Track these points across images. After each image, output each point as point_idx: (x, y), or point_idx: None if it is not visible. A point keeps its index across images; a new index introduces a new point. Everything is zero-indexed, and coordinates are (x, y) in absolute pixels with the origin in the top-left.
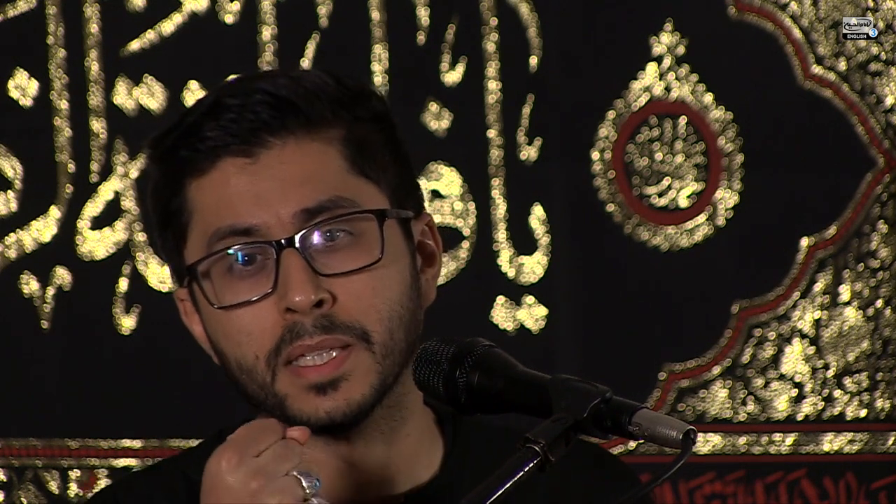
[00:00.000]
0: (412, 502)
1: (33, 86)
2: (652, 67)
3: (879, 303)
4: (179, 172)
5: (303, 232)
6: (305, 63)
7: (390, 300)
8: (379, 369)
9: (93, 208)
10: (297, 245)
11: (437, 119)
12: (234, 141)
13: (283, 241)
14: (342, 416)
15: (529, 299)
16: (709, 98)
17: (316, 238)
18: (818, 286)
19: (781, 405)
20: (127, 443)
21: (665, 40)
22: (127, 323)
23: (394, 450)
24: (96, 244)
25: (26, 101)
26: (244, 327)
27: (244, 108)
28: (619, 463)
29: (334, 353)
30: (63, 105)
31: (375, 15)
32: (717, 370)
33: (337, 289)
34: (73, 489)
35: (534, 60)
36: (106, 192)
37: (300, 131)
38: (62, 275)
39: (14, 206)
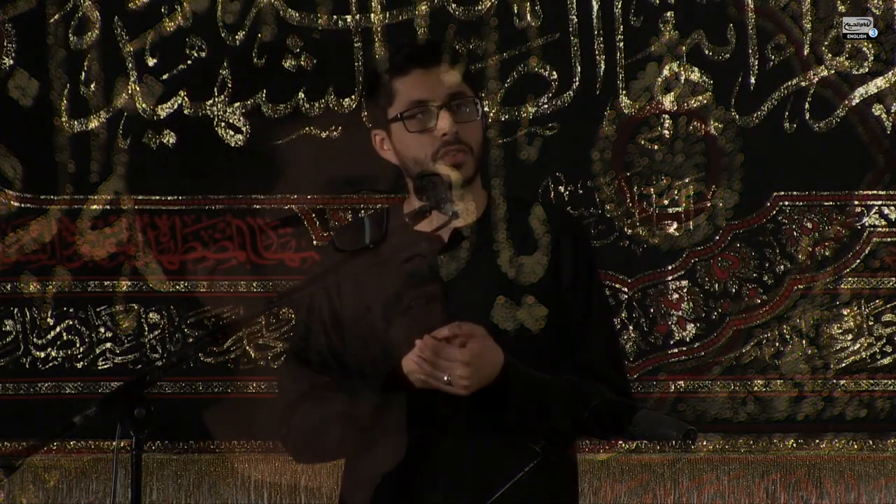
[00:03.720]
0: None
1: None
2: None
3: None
4: (393, 74)
5: (451, 103)
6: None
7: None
8: (475, 166)
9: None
10: (448, 109)
11: None
12: (420, 63)
13: (441, 105)
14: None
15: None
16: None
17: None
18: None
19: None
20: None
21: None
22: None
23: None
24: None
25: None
26: (420, 141)
27: (426, 49)
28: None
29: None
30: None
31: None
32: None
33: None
34: None
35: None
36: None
37: (448, 62)
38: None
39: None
